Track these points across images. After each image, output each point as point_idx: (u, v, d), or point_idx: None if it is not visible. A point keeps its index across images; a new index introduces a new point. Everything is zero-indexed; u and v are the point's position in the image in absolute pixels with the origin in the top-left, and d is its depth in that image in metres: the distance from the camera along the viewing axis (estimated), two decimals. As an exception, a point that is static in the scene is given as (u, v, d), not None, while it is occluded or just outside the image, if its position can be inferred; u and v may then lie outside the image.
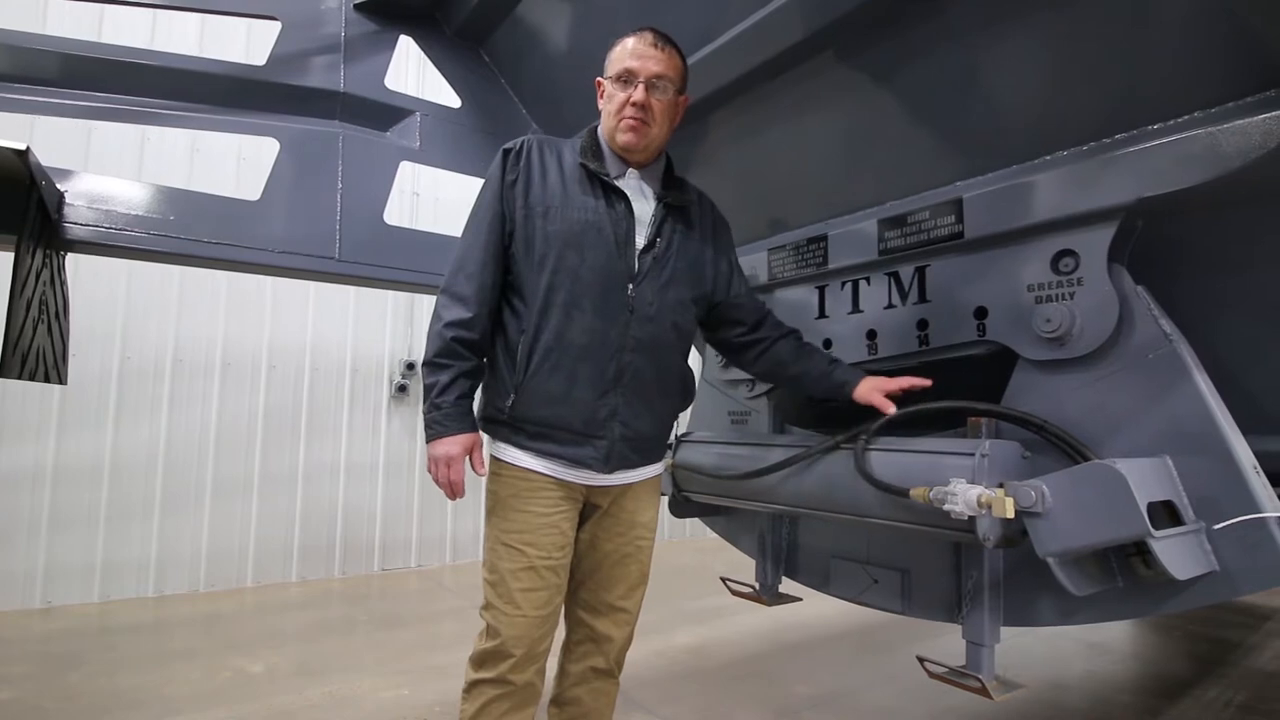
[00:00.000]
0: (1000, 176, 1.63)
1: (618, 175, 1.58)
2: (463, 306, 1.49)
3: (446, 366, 1.47)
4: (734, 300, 1.72)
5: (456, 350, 1.47)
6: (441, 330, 1.48)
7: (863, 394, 1.61)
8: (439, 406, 1.47)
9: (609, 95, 1.57)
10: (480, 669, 1.51)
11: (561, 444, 1.50)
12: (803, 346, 1.75)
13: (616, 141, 1.57)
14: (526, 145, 1.57)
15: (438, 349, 1.48)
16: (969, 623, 1.58)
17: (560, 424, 1.49)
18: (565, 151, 1.59)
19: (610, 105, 1.56)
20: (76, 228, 1.89)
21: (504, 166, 1.55)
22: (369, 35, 2.52)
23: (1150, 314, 1.37)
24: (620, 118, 1.54)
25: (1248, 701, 2.95)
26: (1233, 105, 1.26)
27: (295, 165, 2.26)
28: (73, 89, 2.14)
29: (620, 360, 1.50)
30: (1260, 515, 1.22)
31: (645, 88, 1.52)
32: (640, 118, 1.53)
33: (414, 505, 5.29)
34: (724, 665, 3.29)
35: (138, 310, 4.32)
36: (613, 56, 1.57)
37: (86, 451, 4.12)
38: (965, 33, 1.55)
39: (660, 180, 1.64)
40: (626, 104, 1.53)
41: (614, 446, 1.52)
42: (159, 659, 3.21)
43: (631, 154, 1.59)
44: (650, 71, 1.53)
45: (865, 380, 1.63)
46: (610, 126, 1.57)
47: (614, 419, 1.51)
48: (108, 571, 4.16)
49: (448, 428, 1.46)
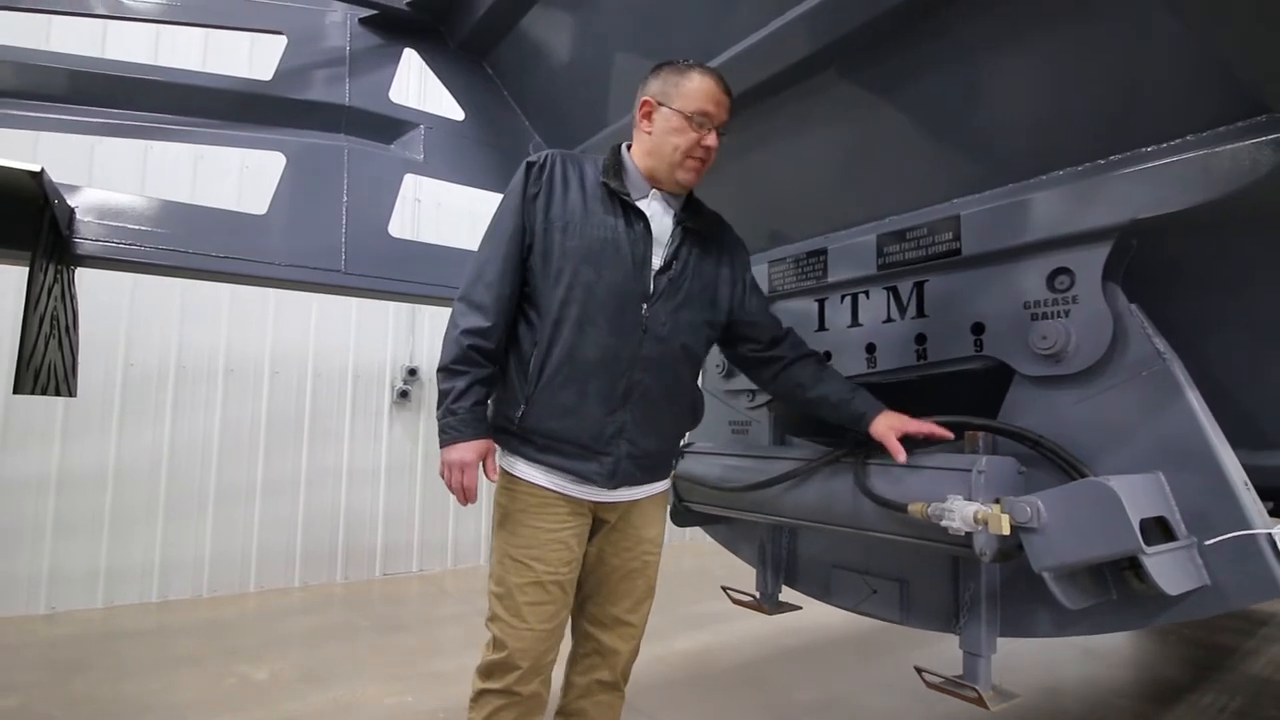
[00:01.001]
0: (998, 194, 1.66)
1: (640, 196, 1.59)
2: (481, 315, 1.49)
3: (462, 373, 1.48)
4: (747, 317, 1.72)
5: (473, 357, 1.48)
6: (459, 337, 1.49)
7: (879, 432, 1.58)
8: (454, 412, 1.47)
9: (675, 129, 1.53)
10: (487, 679, 1.53)
11: (568, 458, 1.52)
12: (823, 370, 1.73)
13: (676, 178, 1.57)
14: (550, 160, 1.57)
15: (454, 355, 1.48)
16: (966, 633, 1.61)
17: (568, 437, 1.51)
18: (587, 169, 1.60)
19: (679, 140, 1.53)
20: (87, 243, 1.92)
21: (526, 180, 1.55)
22: (373, 49, 2.54)
23: (1144, 332, 1.39)
24: (688, 157, 1.55)
25: (1243, 708, 2.98)
26: (1225, 130, 1.28)
27: (301, 179, 2.28)
28: (77, 105, 2.17)
29: (630, 378, 1.52)
30: (1251, 531, 1.25)
31: (718, 134, 1.55)
32: (707, 160, 1.57)
33: (415, 510, 5.31)
34: (724, 671, 3.32)
35: (141, 317, 4.34)
36: (686, 89, 1.54)
37: (90, 457, 4.14)
38: (965, 54, 1.58)
39: (681, 203, 1.65)
40: (698, 145, 1.54)
41: (619, 464, 1.53)
42: (164, 665, 3.23)
43: (682, 190, 1.62)
44: (723, 119, 1.57)
45: (883, 416, 1.60)
46: (672, 161, 1.55)
47: (621, 436, 1.53)
48: (111, 577, 4.18)
49: (462, 433, 1.47)
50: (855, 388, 1.68)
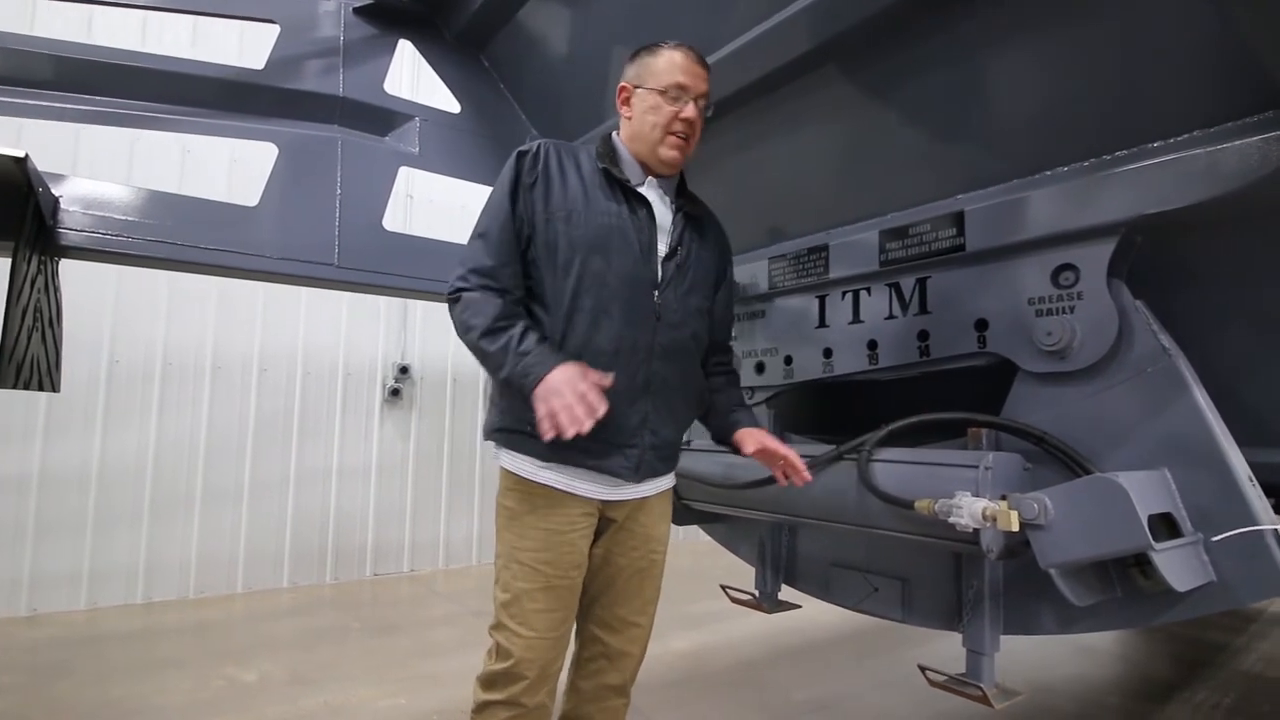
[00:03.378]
0: (1002, 190, 1.64)
1: (638, 183, 1.56)
2: (495, 279, 1.43)
3: (507, 327, 1.40)
4: (719, 309, 1.72)
5: (513, 310, 1.43)
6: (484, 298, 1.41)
7: (740, 436, 1.62)
8: (526, 352, 1.36)
9: (652, 106, 1.52)
10: (490, 690, 1.47)
11: (591, 455, 1.46)
12: (731, 383, 1.78)
13: (659, 156, 1.54)
14: (543, 149, 1.53)
15: (495, 313, 1.40)
16: (970, 631, 1.60)
17: (591, 433, 1.39)
18: (582, 156, 1.56)
19: (655, 117, 1.51)
20: (72, 233, 1.87)
21: (518, 169, 1.50)
22: (368, 39, 2.51)
23: (1149, 328, 1.38)
24: (669, 132, 1.51)
25: (1236, 704, 3.00)
26: (1232, 125, 1.28)
27: (294, 170, 2.24)
28: (63, 91, 2.11)
29: (649, 367, 1.49)
30: (1258, 528, 1.24)
31: (695, 105, 1.52)
32: (689, 134, 1.54)
33: (407, 509, 5.26)
34: (721, 671, 3.30)
35: (126, 312, 4.27)
36: (656, 68, 1.53)
37: (74, 456, 4.07)
38: (969, 49, 1.56)
39: (675, 190, 1.64)
40: (676, 119, 1.51)
41: (644, 455, 1.50)
42: (149, 667, 3.17)
43: (670, 169, 1.58)
44: (700, 90, 1.53)
45: (752, 430, 1.62)
46: (653, 140, 1.53)
47: (644, 427, 1.49)
48: (95, 578, 4.11)
49: (545, 364, 1.34)
50: (747, 407, 1.74)
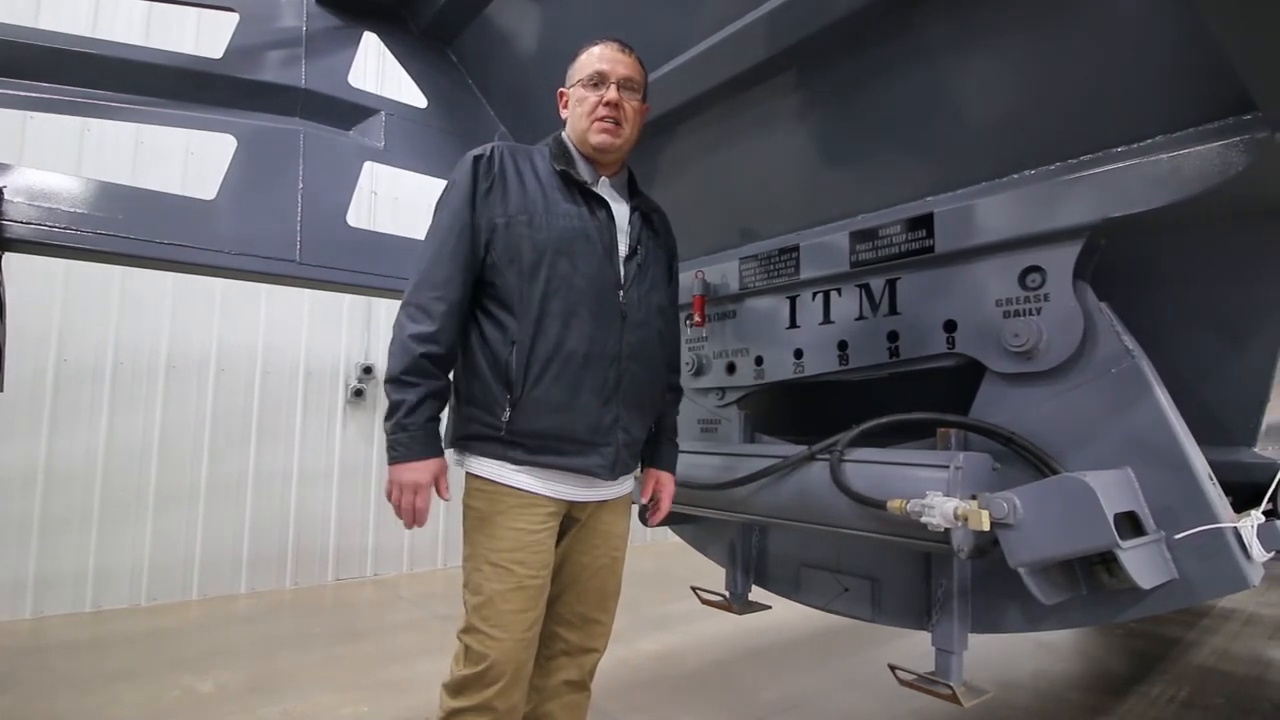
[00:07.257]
0: (970, 193, 1.67)
1: (593, 183, 1.58)
2: (430, 320, 1.41)
3: (414, 385, 1.39)
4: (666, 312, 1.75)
5: (425, 368, 1.40)
6: (409, 345, 1.40)
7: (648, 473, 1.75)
8: (405, 428, 1.39)
9: (579, 99, 1.57)
10: (459, 696, 1.43)
11: (565, 455, 1.46)
12: (673, 403, 1.80)
13: (590, 143, 1.56)
14: (498, 152, 1.53)
15: (405, 365, 1.39)
16: (938, 630, 1.61)
17: (565, 434, 1.46)
18: (536, 158, 1.57)
19: (581, 108, 1.56)
20: (16, 226, 1.78)
21: (475, 174, 1.50)
22: (332, 30, 2.44)
23: (1113, 330, 1.41)
24: (594, 118, 1.54)
25: (1190, 698, 3.09)
26: (1194, 130, 1.31)
27: (253, 163, 2.17)
28: (8, 77, 2.01)
29: (619, 367, 1.50)
30: (1218, 525, 1.27)
31: (618, 88, 1.54)
32: (615, 117, 1.54)
33: (370, 512, 5.15)
34: (690, 673, 3.29)
35: (75, 309, 4.09)
36: (579, 64, 1.59)
37: (17, 458, 3.88)
38: (935, 52, 1.58)
39: (627, 189, 1.67)
40: (600, 104, 1.54)
41: (619, 453, 1.52)
42: (99, 679, 3.04)
43: (605, 156, 1.58)
44: (621, 74, 1.55)
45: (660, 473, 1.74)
46: (582, 129, 1.56)
47: (617, 425, 1.51)
48: (40, 585, 3.92)
49: (414, 451, 1.39)
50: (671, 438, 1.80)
